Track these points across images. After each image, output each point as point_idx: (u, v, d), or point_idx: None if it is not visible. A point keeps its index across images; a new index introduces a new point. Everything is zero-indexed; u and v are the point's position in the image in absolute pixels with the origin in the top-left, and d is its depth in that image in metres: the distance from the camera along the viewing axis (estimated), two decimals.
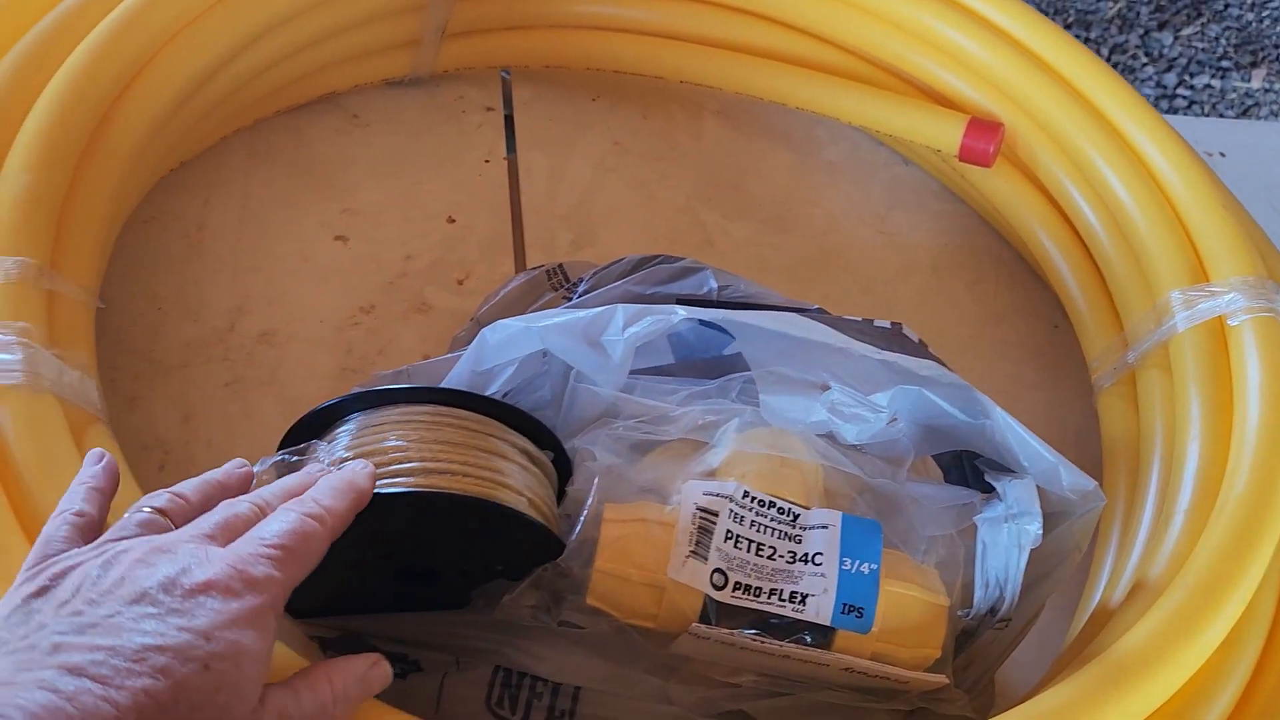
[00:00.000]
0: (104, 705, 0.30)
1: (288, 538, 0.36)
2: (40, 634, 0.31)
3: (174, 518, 0.38)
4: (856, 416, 0.49)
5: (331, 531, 0.38)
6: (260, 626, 0.34)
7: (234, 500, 0.38)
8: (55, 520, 0.37)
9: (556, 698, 0.46)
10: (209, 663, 0.32)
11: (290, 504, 0.38)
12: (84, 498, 0.38)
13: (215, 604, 0.33)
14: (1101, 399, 0.63)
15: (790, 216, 0.75)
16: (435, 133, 0.74)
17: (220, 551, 0.35)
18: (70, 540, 0.36)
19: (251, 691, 0.33)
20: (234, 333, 0.62)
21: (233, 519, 0.37)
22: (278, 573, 0.35)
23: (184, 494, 0.39)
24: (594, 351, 0.48)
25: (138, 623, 0.32)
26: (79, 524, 0.37)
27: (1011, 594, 0.46)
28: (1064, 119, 0.67)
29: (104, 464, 0.40)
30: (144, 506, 0.37)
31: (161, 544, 0.35)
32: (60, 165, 0.51)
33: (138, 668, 0.31)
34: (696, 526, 0.45)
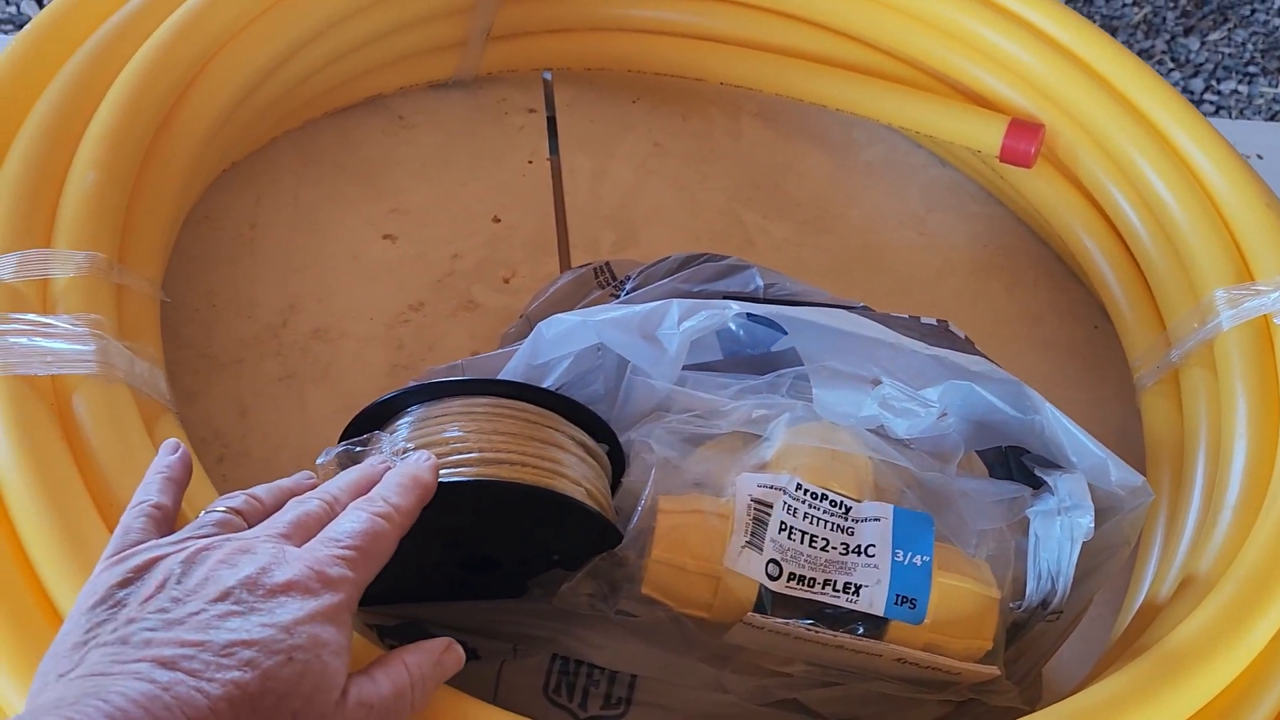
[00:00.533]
0: (197, 695, 0.31)
1: (360, 538, 0.37)
2: (130, 629, 0.32)
3: (248, 518, 0.39)
4: (907, 411, 0.50)
5: (400, 528, 0.39)
6: (338, 622, 0.35)
7: (304, 497, 0.39)
8: (133, 511, 0.38)
9: (613, 685, 0.47)
10: (292, 654, 0.33)
11: (360, 503, 0.39)
12: (160, 489, 0.39)
13: (295, 602, 0.34)
14: (1144, 398, 0.64)
15: (829, 217, 0.76)
16: (479, 134, 0.75)
17: (297, 552, 0.36)
18: (147, 531, 0.37)
19: (334, 681, 0.34)
20: (287, 329, 0.63)
21: (305, 518, 0.38)
22: (352, 573, 0.36)
23: (258, 496, 0.40)
24: (649, 345, 0.48)
25: (224, 620, 0.33)
26: (156, 516, 0.38)
27: (1063, 586, 0.47)
28: (1105, 119, 0.68)
29: (179, 455, 0.41)
30: (220, 506, 0.38)
31: (242, 544, 0.36)
32: (126, 163, 0.52)
33: (226, 661, 0.32)
34: (751, 518, 0.46)
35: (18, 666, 0.38)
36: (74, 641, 0.33)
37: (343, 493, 0.40)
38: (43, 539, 0.41)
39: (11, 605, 0.39)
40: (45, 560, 0.40)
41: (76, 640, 0.33)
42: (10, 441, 0.42)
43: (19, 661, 0.38)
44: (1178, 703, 0.44)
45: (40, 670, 0.33)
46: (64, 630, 0.33)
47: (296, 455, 0.58)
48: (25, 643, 0.39)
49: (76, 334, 0.45)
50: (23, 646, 0.39)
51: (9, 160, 0.50)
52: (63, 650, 0.33)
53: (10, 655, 0.39)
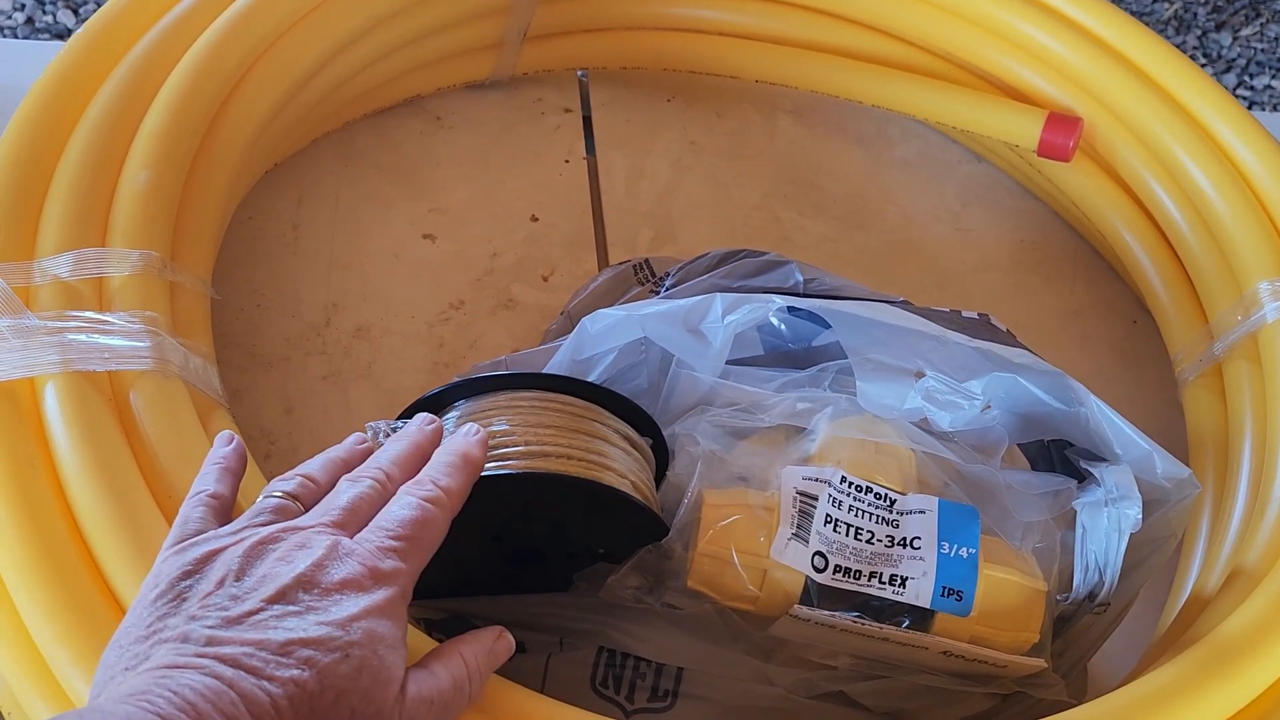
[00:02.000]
0: (259, 693, 0.32)
1: (411, 526, 0.38)
2: (192, 626, 0.33)
3: (304, 501, 0.39)
4: (951, 404, 0.50)
5: (451, 510, 0.40)
6: (393, 616, 0.36)
7: (356, 476, 0.39)
8: (191, 501, 0.39)
9: (660, 678, 0.47)
10: (348, 651, 0.33)
11: (410, 488, 0.39)
12: (216, 478, 0.40)
13: (350, 599, 0.35)
14: (1187, 391, 0.63)
15: (865, 213, 0.76)
16: (516, 133, 0.76)
17: (351, 544, 0.36)
18: (206, 521, 0.38)
19: (392, 675, 0.35)
20: (330, 327, 0.64)
21: (358, 502, 0.38)
22: (404, 564, 0.37)
23: (312, 476, 0.40)
24: (693, 339, 0.49)
25: (281, 620, 0.33)
26: (214, 505, 0.39)
27: (1111, 578, 0.47)
28: (1143, 111, 0.67)
29: (234, 446, 0.41)
30: (275, 491, 0.39)
31: (299, 539, 0.36)
32: (176, 163, 0.53)
33: (285, 660, 0.32)
34: (797, 510, 0.46)
35: (81, 654, 0.39)
36: (138, 634, 0.33)
37: (395, 467, 0.40)
38: (103, 530, 0.41)
39: (74, 594, 0.40)
40: (106, 551, 0.41)
41: (140, 634, 0.33)
42: (71, 436, 0.43)
43: (83, 649, 0.39)
44: (1226, 697, 0.44)
45: (104, 662, 0.34)
46: (128, 622, 0.34)
47: None
48: (88, 631, 0.39)
49: (133, 331, 0.46)
50: (86, 635, 0.39)
51: (65, 161, 0.51)
52: (127, 642, 0.33)
53: (74, 643, 0.39)
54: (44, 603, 0.40)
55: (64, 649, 0.39)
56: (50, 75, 0.54)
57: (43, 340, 0.45)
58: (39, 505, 0.42)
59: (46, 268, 0.47)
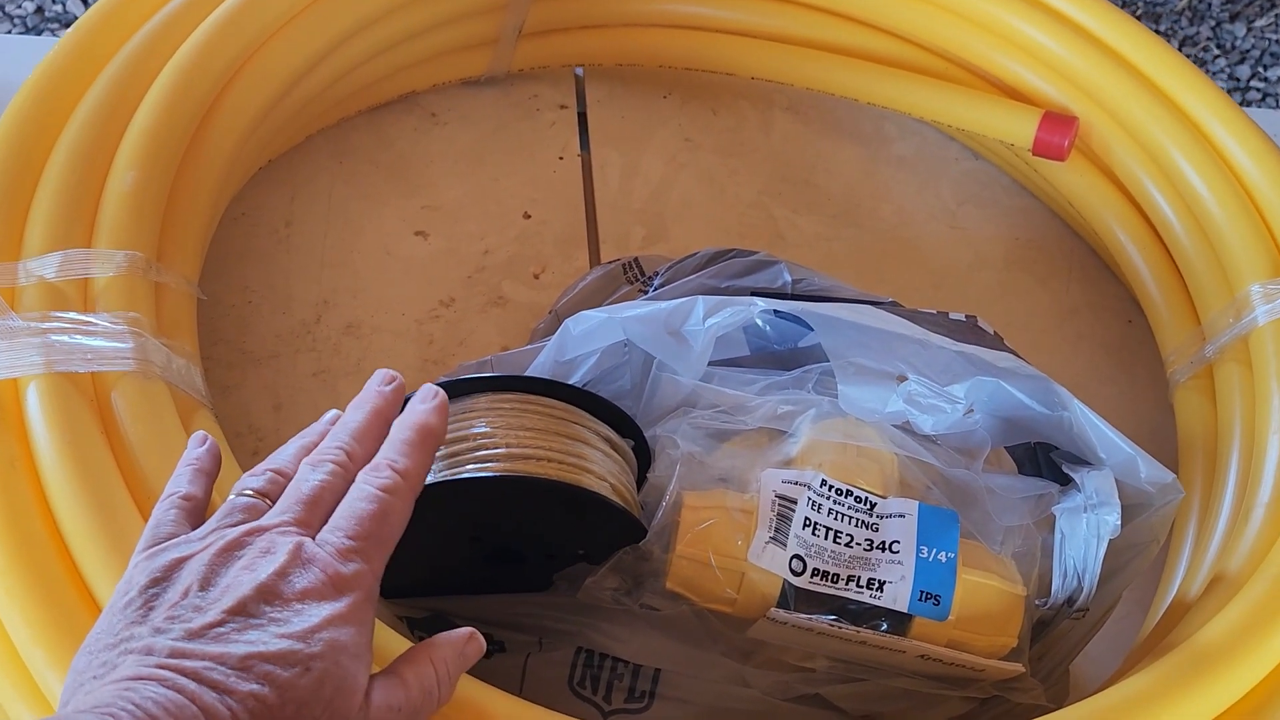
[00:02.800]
0: (219, 706, 0.32)
1: (369, 522, 0.37)
2: (157, 638, 0.33)
3: (273, 497, 0.38)
4: (933, 407, 0.50)
5: (412, 491, 0.39)
6: (356, 622, 0.35)
7: (317, 461, 0.39)
8: (164, 504, 0.39)
9: (637, 679, 0.47)
10: (309, 664, 0.33)
11: (367, 475, 0.38)
12: (189, 479, 0.40)
13: (311, 608, 0.34)
14: (1178, 393, 0.63)
15: (860, 211, 0.76)
16: (511, 130, 0.76)
17: (313, 550, 0.36)
18: (178, 524, 0.38)
19: (356, 684, 0.35)
20: (320, 324, 0.64)
21: (319, 492, 0.38)
22: (366, 564, 0.36)
23: (282, 469, 0.39)
24: (675, 341, 0.49)
25: (241, 633, 0.33)
26: (186, 507, 0.39)
27: (1089, 584, 0.47)
28: (1139, 111, 0.67)
29: (207, 446, 0.41)
30: (246, 489, 0.38)
31: (264, 544, 0.36)
32: (165, 163, 0.53)
33: (244, 674, 0.32)
34: (776, 513, 0.46)
35: (59, 656, 0.39)
36: (107, 642, 0.34)
37: (355, 443, 0.39)
38: (82, 530, 0.42)
39: (53, 596, 0.41)
40: (85, 552, 0.42)
41: (109, 641, 0.34)
42: (52, 436, 0.44)
43: (60, 651, 0.39)
44: (1205, 701, 0.44)
45: (74, 667, 0.34)
46: (99, 628, 0.34)
47: None
48: (66, 632, 0.40)
49: (116, 332, 0.46)
50: (63, 636, 0.40)
51: (52, 161, 0.51)
52: (96, 649, 0.34)
53: (51, 645, 0.40)
54: (22, 604, 0.40)
55: (42, 650, 0.39)
56: (39, 74, 0.54)
57: (26, 341, 0.45)
58: (19, 506, 0.42)
59: (32, 269, 0.48)
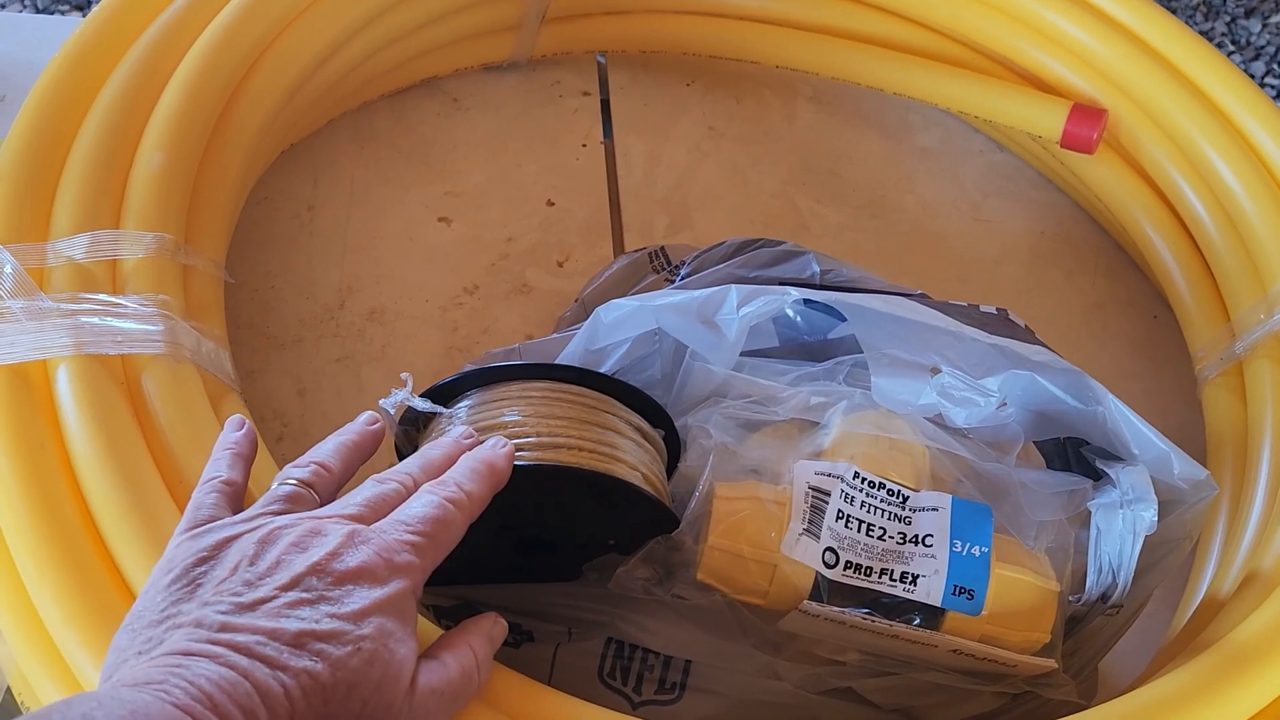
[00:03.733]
0: (273, 683, 0.32)
1: (429, 524, 0.37)
2: (206, 611, 0.33)
3: (319, 489, 0.39)
4: (966, 400, 0.49)
5: (470, 514, 0.40)
6: (403, 609, 0.35)
7: (383, 477, 0.39)
8: (204, 487, 0.38)
9: (667, 670, 0.47)
10: (360, 645, 0.33)
11: (433, 485, 0.39)
12: (229, 464, 0.40)
13: (362, 590, 0.34)
14: (1206, 390, 0.63)
15: (884, 202, 0.75)
16: (533, 117, 0.75)
17: (367, 533, 0.36)
18: (219, 507, 0.38)
19: (402, 669, 0.35)
20: (344, 310, 0.63)
21: (378, 499, 0.38)
22: (418, 559, 0.37)
23: (326, 464, 0.40)
24: (708, 330, 0.48)
25: (294, 609, 0.33)
26: (227, 492, 0.39)
27: (1124, 580, 0.46)
28: (1169, 103, 0.66)
29: (244, 430, 0.41)
30: (289, 479, 0.39)
31: (314, 525, 0.36)
32: (191, 145, 0.53)
33: (297, 651, 0.32)
34: (809, 505, 0.46)
35: (90, 636, 0.39)
36: (151, 619, 0.33)
37: (421, 472, 0.40)
38: (113, 513, 0.42)
39: (84, 577, 0.40)
40: (115, 533, 0.41)
41: (154, 618, 0.33)
42: (83, 418, 0.43)
43: (92, 631, 0.39)
44: (1240, 701, 0.44)
45: (115, 645, 0.33)
46: (140, 606, 0.34)
47: None
48: (97, 613, 0.40)
49: (145, 314, 0.46)
50: (95, 617, 0.40)
51: (80, 142, 0.51)
52: (140, 626, 0.33)
53: (83, 625, 0.40)
54: (54, 585, 0.40)
55: (73, 631, 0.39)
56: (65, 55, 0.54)
57: (56, 322, 0.45)
58: (50, 487, 0.42)
59: (60, 249, 0.47)
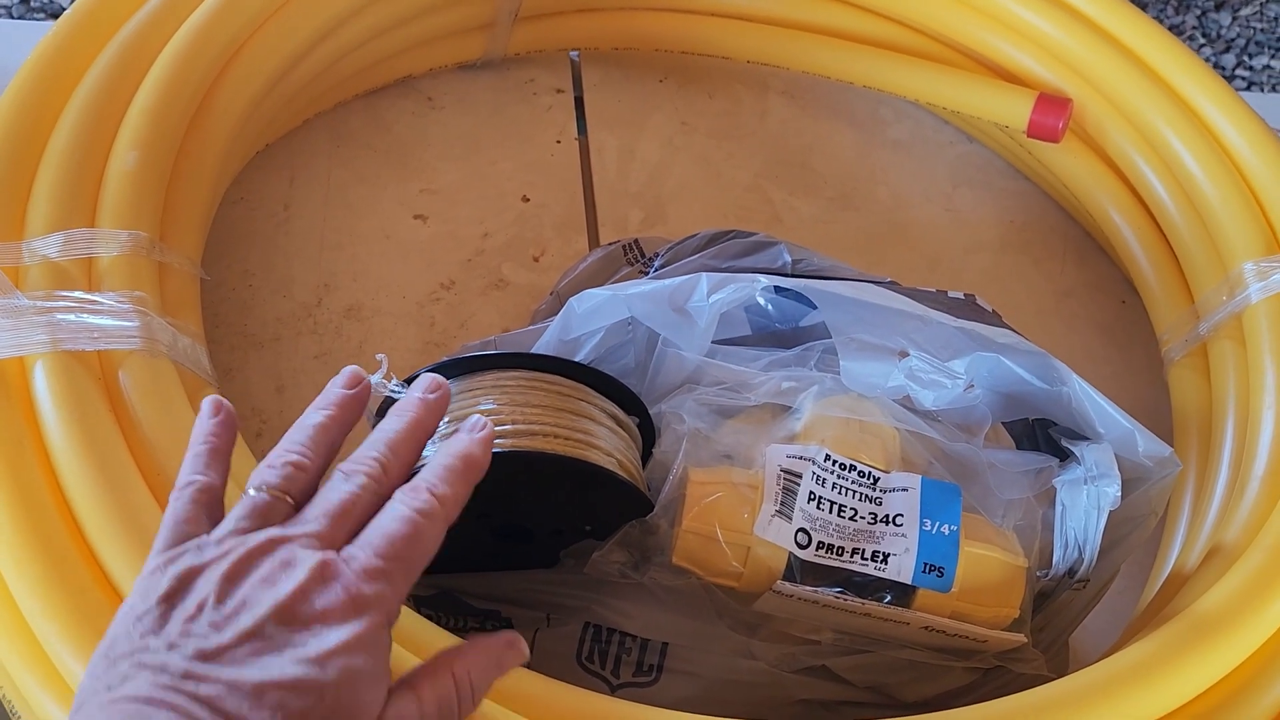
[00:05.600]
0: None
1: (401, 543, 0.36)
2: (171, 656, 0.32)
3: (294, 494, 0.37)
4: (934, 383, 0.50)
5: (446, 520, 0.38)
6: (374, 646, 0.34)
7: (350, 470, 0.37)
8: (181, 494, 0.37)
9: (644, 653, 0.48)
10: (324, 693, 0.33)
11: (404, 496, 0.37)
12: (206, 463, 0.38)
13: (330, 632, 0.33)
14: (1172, 371, 0.64)
15: (856, 194, 0.76)
16: (507, 114, 0.76)
17: (337, 564, 0.34)
18: (196, 522, 0.36)
19: (370, 710, 0.34)
20: (321, 307, 0.64)
21: (349, 504, 0.36)
22: (391, 587, 0.35)
23: (301, 461, 0.37)
24: (680, 318, 0.49)
25: (257, 658, 0.32)
26: (203, 501, 0.37)
27: (1090, 555, 0.47)
28: (1133, 92, 0.68)
29: (221, 418, 0.39)
30: (265, 485, 0.37)
31: (285, 556, 0.34)
32: (166, 143, 0.53)
33: (257, 703, 0.32)
34: (781, 487, 0.47)
35: (72, 632, 0.39)
36: (122, 650, 0.33)
37: (391, 454, 0.38)
38: (93, 508, 0.42)
39: (65, 573, 0.41)
40: (96, 529, 0.42)
41: (124, 650, 0.33)
42: (60, 415, 0.44)
43: (73, 627, 0.40)
44: (1203, 670, 0.45)
45: (91, 670, 0.33)
46: (115, 630, 0.34)
47: None
48: (79, 609, 0.40)
49: (121, 311, 0.46)
50: (76, 612, 0.40)
51: (54, 140, 0.51)
52: (114, 655, 0.33)
53: (64, 621, 0.40)
54: (34, 581, 0.40)
55: (54, 625, 0.39)
56: (39, 55, 0.54)
57: (32, 320, 0.45)
58: (29, 484, 0.42)
59: (36, 248, 0.48)
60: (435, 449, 0.41)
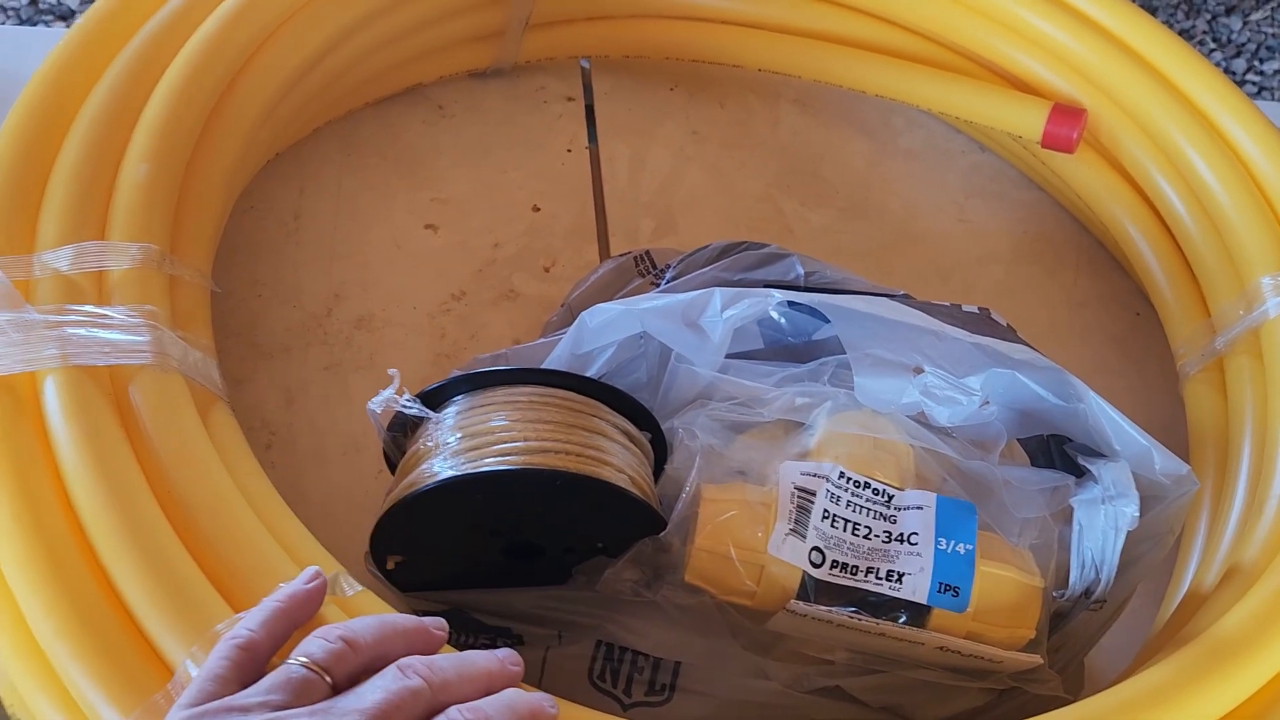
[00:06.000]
0: None
1: None
2: None
3: (335, 675, 0.36)
4: (949, 399, 0.50)
5: None
6: None
7: (410, 667, 0.36)
8: (223, 646, 0.36)
9: (657, 672, 0.47)
10: None
11: (456, 714, 0.35)
12: (262, 621, 0.37)
13: None
14: (1188, 386, 0.63)
15: (868, 204, 0.76)
16: (518, 123, 0.75)
17: None
18: (225, 682, 0.35)
19: None
20: (331, 318, 0.64)
21: (392, 709, 0.35)
22: None
23: (355, 642, 0.36)
24: (693, 333, 0.49)
25: None
26: (241, 660, 0.36)
27: (1107, 575, 0.47)
28: (1148, 103, 0.67)
29: (313, 588, 0.39)
30: (307, 658, 0.36)
31: None
32: (176, 155, 0.53)
33: None
34: (795, 505, 0.46)
35: (80, 648, 0.39)
36: None
37: (455, 678, 0.37)
38: (102, 524, 0.41)
39: (74, 590, 0.40)
40: (105, 545, 0.41)
41: None
42: (71, 430, 0.43)
43: (81, 643, 0.39)
44: (1223, 693, 0.44)
45: None
46: None
47: (342, 442, 0.59)
48: (87, 625, 0.39)
49: (132, 325, 0.46)
50: (84, 628, 0.39)
51: (64, 154, 0.51)
52: None
53: (73, 637, 0.39)
54: (44, 597, 0.40)
55: (64, 643, 0.39)
56: (49, 66, 0.54)
57: (42, 334, 0.45)
58: (39, 499, 0.42)
59: (46, 261, 0.47)
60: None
